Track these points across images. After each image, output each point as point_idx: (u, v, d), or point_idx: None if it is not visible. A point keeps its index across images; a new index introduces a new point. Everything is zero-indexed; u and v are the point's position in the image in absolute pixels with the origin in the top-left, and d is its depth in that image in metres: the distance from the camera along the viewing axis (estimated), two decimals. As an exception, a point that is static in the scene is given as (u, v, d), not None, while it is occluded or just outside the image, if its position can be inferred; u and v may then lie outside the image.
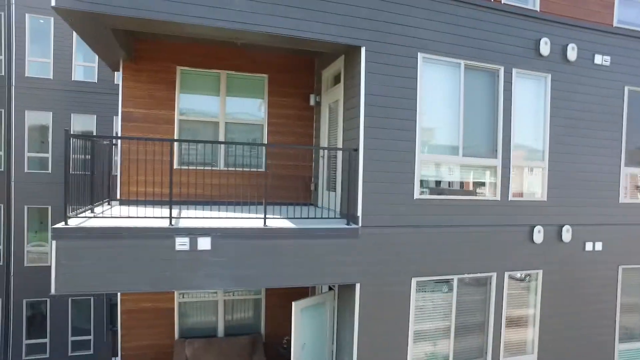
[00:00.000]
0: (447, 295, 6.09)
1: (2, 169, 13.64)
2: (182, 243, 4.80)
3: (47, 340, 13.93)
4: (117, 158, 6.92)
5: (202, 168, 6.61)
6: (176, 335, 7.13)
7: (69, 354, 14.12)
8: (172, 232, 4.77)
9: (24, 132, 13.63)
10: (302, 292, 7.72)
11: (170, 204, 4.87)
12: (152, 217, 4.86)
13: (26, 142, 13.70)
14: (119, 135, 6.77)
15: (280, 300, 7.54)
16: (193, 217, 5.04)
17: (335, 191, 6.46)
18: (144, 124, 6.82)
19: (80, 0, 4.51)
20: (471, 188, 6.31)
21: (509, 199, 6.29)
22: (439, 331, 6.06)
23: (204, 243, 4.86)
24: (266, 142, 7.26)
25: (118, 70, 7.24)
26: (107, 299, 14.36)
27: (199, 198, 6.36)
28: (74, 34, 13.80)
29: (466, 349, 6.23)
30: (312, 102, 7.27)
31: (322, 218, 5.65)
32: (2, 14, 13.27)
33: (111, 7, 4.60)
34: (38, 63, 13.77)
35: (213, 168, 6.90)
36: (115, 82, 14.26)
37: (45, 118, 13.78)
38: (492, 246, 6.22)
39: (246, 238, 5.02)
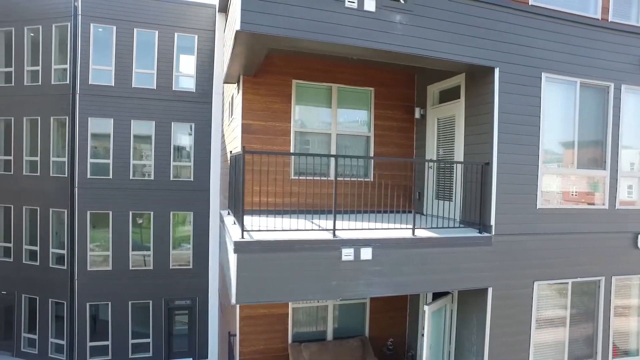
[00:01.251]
0: (562, 297, 6.48)
1: (66, 175, 13.86)
2: (347, 254, 5.12)
3: (109, 342, 14.19)
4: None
5: (318, 178, 6.93)
6: (289, 340, 7.43)
7: (130, 356, 14.38)
8: (339, 244, 5.09)
9: (87, 139, 13.84)
10: (402, 298, 8.09)
11: (334, 215, 5.19)
12: (318, 229, 5.18)
13: (89, 148, 13.91)
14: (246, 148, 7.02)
15: (383, 305, 7.88)
16: (354, 228, 5.35)
17: (451, 200, 6.81)
18: (262, 136, 7.11)
19: (260, 24, 4.82)
20: (583, 198, 6.69)
21: (616, 208, 6.68)
22: (556, 329, 6.45)
23: (366, 253, 5.19)
24: (372, 154, 7.58)
25: (232, 83, 7.52)
26: (165, 303, 14.63)
27: (315, 207, 6.65)
28: (135, 41, 14.01)
29: (579, 348, 6.62)
30: (417, 115, 7.59)
31: (457, 227, 6.01)
32: (69, 24, 13.46)
33: (283, 29, 4.92)
34: (100, 71, 13.98)
35: (324, 178, 7.22)
36: (173, 89, 14.64)
37: (106, 124, 14.01)
38: (600, 252, 6.61)
39: (399, 247, 5.37)
